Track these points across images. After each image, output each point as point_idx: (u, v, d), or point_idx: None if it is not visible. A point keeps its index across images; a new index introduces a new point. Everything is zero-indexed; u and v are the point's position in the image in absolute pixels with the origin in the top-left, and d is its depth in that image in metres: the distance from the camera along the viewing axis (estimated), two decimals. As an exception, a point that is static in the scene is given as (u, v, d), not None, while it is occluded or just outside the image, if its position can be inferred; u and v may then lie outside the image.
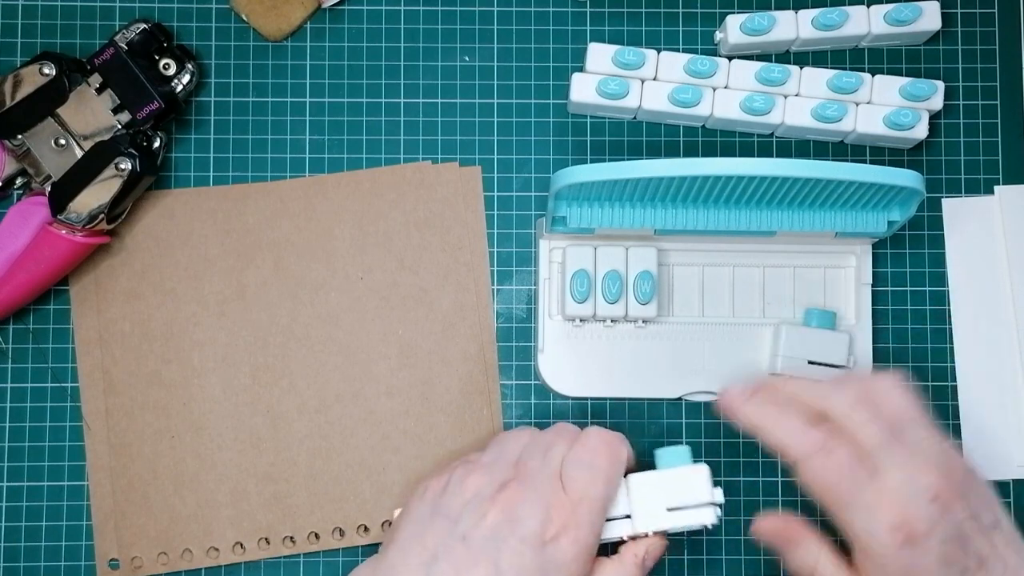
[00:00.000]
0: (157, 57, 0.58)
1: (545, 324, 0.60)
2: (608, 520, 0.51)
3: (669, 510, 0.51)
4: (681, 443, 0.53)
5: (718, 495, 0.51)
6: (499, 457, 0.51)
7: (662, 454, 0.53)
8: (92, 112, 0.57)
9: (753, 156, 0.62)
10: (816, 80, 0.60)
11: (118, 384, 0.60)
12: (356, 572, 0.50)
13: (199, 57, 0.61)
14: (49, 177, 0.57)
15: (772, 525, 0.52)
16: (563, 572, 0.48)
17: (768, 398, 0.52)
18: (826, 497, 0.49)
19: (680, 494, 0.51)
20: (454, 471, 0.51)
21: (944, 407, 0.61)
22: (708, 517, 0.51)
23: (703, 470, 0.52)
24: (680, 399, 0.60)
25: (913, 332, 0.62)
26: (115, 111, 0.57)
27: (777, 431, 0.51)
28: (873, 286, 0.61)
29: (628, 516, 0.51)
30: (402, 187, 0.61)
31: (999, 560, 0.48)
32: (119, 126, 0.57)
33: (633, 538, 0.51)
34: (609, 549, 0.52)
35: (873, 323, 0.61)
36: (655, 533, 0.51)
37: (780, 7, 0.62)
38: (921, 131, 0.60)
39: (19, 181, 0.59)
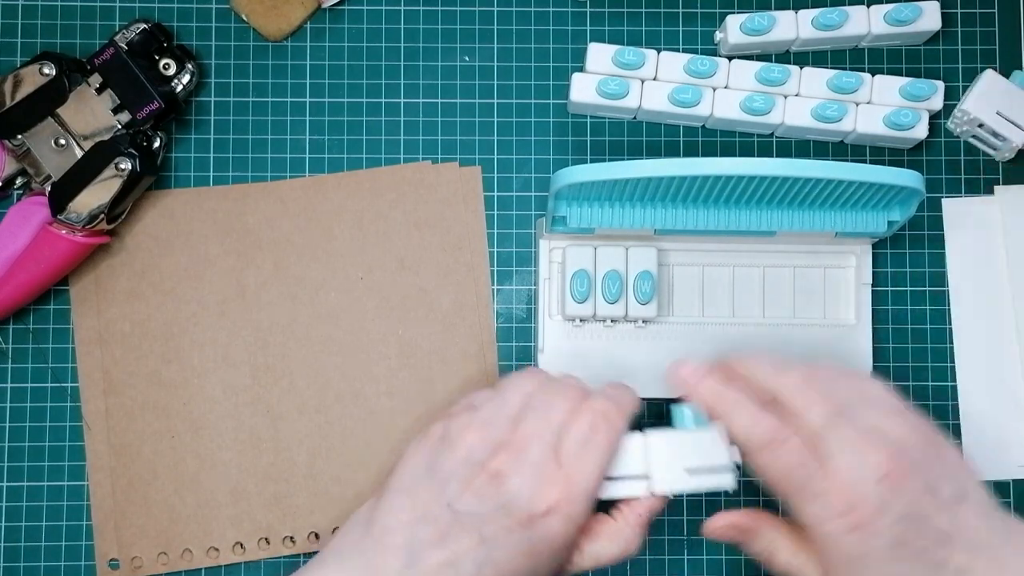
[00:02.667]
0: (157, 57, 0.58)
1: (545, 324, 0.60)
2: (623, 479, 0.50)
3: (689, 472, 0.50)
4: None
5: (736, 454, 0.50)
6: (498, 411, 0.50)
7: (679, 413, 0.51)
8: (92, 112, 0.57)
9: (753, 156, 0.62)
10: (816, 80, 0.60)
11: (118, 384, 0.60)
12: (352, 519, 0.50)
13: (199, 57, 0.61)
14: (49, 177, 0.57)
15: (722, 523, 0.51)
16: (551, 546, 0.47)
17: (723, 378, 0.51)
18: (778, 487, 0.48)
19: (700, 456, 0.50)
20: (453, 419, 0.50)
21: (944, 407, 0.61)
22: (728, 482, 0.50)
23: (721, 430, 0.50)
24: (680, 399, 0.60)
25: (913, 332, 0.62)
26: (115, 111, 0.57)
27: (731, 419, 0.50)
28: (873, 286, 0.61)
29: (645, 476, 0.50)
30: (402, 187, 0.61)
31: (966, 535, 0.46)
32: (119, 126, 0.57)
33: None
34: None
35: (873, 323, 0.61)
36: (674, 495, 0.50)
37: (780, 7, 0.62)
38: (921, 131, 0.60)
39: (19, 181, 0.59)
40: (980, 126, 0.61)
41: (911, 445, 0.48)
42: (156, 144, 0.58)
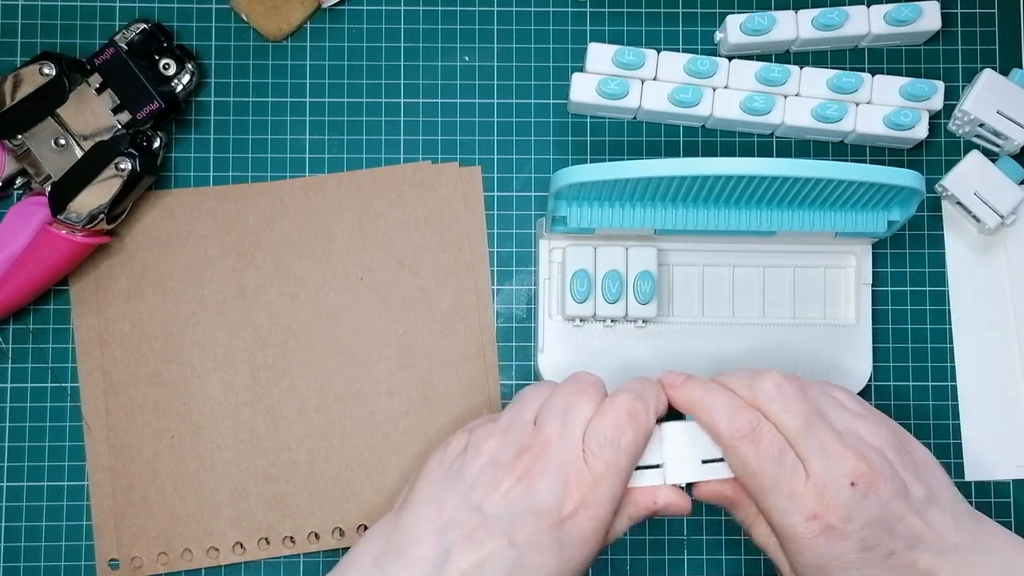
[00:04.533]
0: (157, 57, 0.58)
1: (545, 324, 0.60)
2: (638, 469, 0.50)
3: (704, 463, 0.50)
4: None
5: None
6: (517, 418, 0.49)
7: None
8: (92, 112, 0.57)
9: (753, 156, 0.62)
10: (816, 80, 0.60)
11: (118, 384, 0.60)
12: (371, 533, 0.49)
13: (199, 57, 0.61)
14: (49, 177, 0.57)
15: (708, 490, 0.51)
16: (580, 546, 0.47)
17: (702, 381, 0.51)
18: (750, 483, 0.48)
19: (715, 447, 0.50)
20: (473, 431, 0.50)
21: (944, 407, 0.61)
22: None
23: None
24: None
25: (913, 332, 0.62)
26: (115, 111, 0.57)
27: (713, 408, 0.49)
28: (873, 286, 0.61)
29: (659, 466, 0.50)
30: (402, 187, 0.61)
31: (934, 536, 0.47)
32: (119, 126, 0.57)
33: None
34: None
35: (873, 323, 0.61)
36: (687, 485, 0.50)
37: (780, 7, 0.62)
38: (921, 131, 0.60)
39: (19, 181, 0.59)
40: (981, 126, 0.61)
41: (883, 448, 0.48)
42: (156, 144, 0.58)
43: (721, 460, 0.50)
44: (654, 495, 0.50)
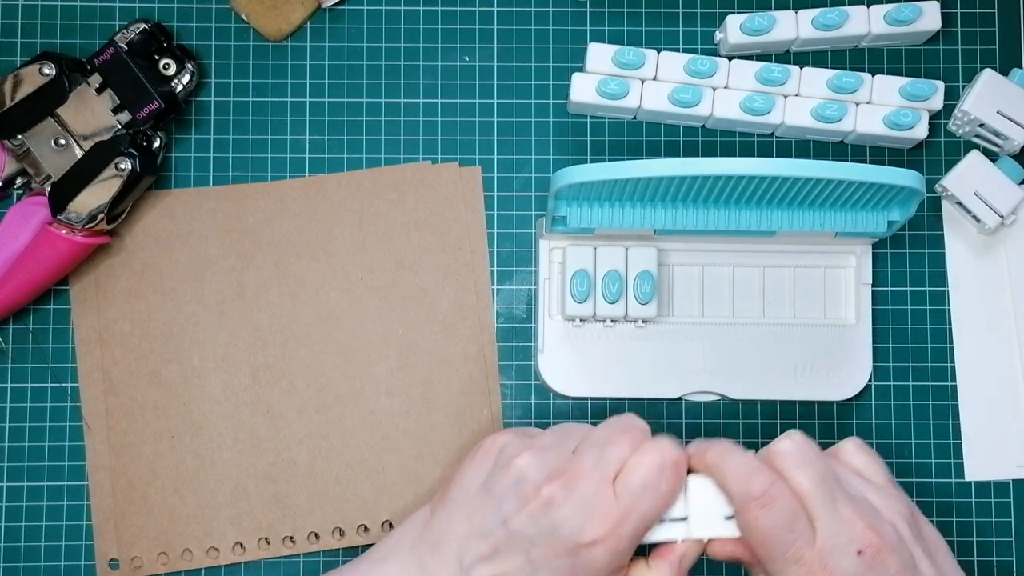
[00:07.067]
0: (157, 57, 0.58)
1: (545, 324, 0.60)
2: (661, 521, 0.49)
3: (728, 518, 0.49)
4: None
5: None
6: (558, 443, 0.50)
7: None
8: (92, 112, 0.57)
9: (753, 156, 0.62)
10: (816, 80, 0.60)
11: (118, 384, 0.60)
12: (408, 523, 0.51)
13: (199, 57, 0.61)
14: (49, 177, 0.57)
15: (723, 553, 0.50)
16: (591, 572, 0.47)
17: (719, 442, 0.50)
18: (762, 547, 0.47)
19: None
20: (510, 440, 0.50)
21: (944, 407, 0.61)
22: None
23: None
24: (680, 399, 0.60)
25: (913, 332, 0.62)
26: (115, 111, 0.57)
27: (727, 467, 0.48)
28: (873, 286, 0.61)
29: (684, 519, 0.50)
30: (402, 187, 0.61)
31: None
32: (119, 126, 0.57)
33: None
34: (646, 548, 0.50)
35: (873, 323, 0.61)
36: (710, 540, 0.50)
37: (780, 7, 0.62)
38: (921, 131, 0.60)
39: (19, 181, 0.59)
40: (981, 126, 0.61)
41: (895, 520, 0.48)
42: (156, 144, 0.58)
43: None
44: (671, 557, 0.49)
